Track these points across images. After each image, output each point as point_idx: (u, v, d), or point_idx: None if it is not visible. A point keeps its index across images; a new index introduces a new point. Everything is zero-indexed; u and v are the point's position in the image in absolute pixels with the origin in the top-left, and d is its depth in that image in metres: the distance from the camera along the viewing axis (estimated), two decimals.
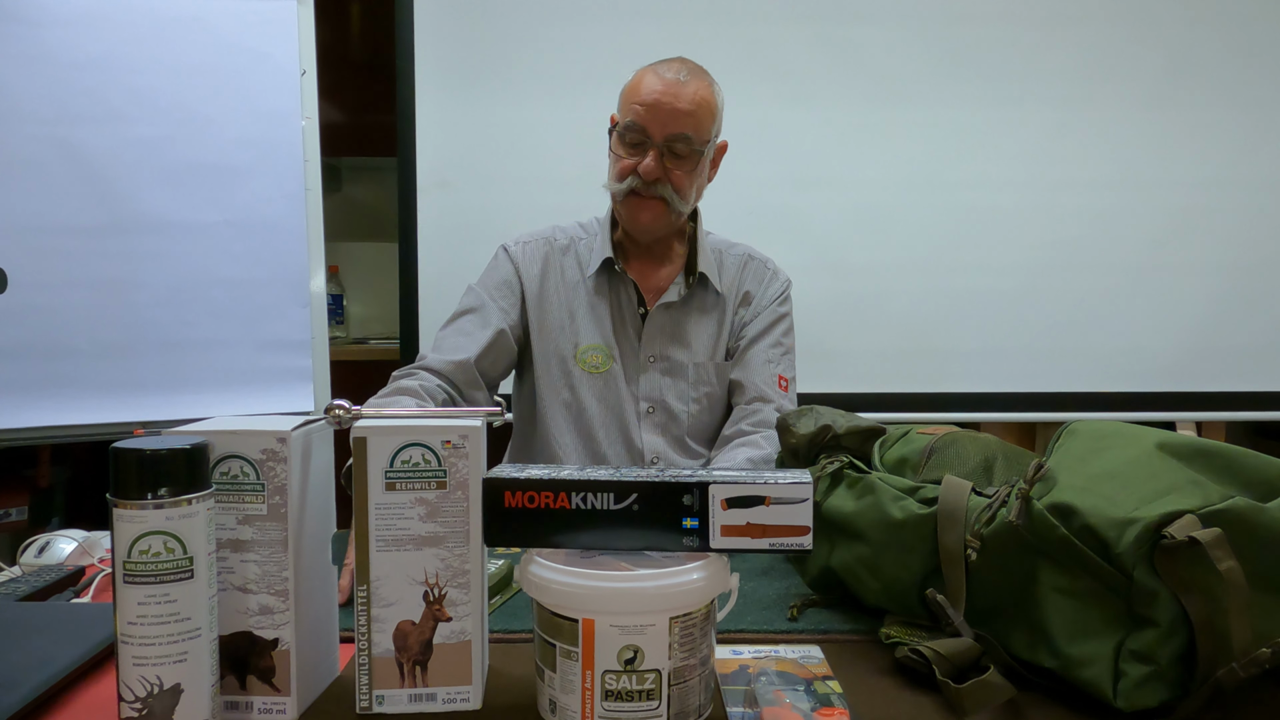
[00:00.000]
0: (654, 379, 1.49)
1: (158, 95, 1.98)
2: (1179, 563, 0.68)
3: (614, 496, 0.72)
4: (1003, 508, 0.78)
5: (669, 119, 1.38)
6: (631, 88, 1.42)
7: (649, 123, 1.39)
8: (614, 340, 1.49)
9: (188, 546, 0.63)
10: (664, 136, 1.39)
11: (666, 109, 1.38)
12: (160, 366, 1.99)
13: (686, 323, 1.51)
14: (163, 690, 0.63)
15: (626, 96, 1.43)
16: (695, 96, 1.39)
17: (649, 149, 1.40)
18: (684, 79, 1.39)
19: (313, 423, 0.75)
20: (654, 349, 1.50)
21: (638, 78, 1.43)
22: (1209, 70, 2.34)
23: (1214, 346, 2.39)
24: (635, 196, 1.43)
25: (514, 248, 1.56)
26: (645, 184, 1.40)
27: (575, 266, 1.54)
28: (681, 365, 1.50)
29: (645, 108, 1.39)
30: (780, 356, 1.54)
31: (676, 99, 1.38)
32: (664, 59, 1.44)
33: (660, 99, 1.38)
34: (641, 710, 0.68)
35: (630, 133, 1.40)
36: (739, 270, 1.57)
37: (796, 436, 1.04)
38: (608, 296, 1.51)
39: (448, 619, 0.72)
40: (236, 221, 2.03)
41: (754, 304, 1.55)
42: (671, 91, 1.38)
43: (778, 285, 1.58)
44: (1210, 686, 0.67)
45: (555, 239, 1.56)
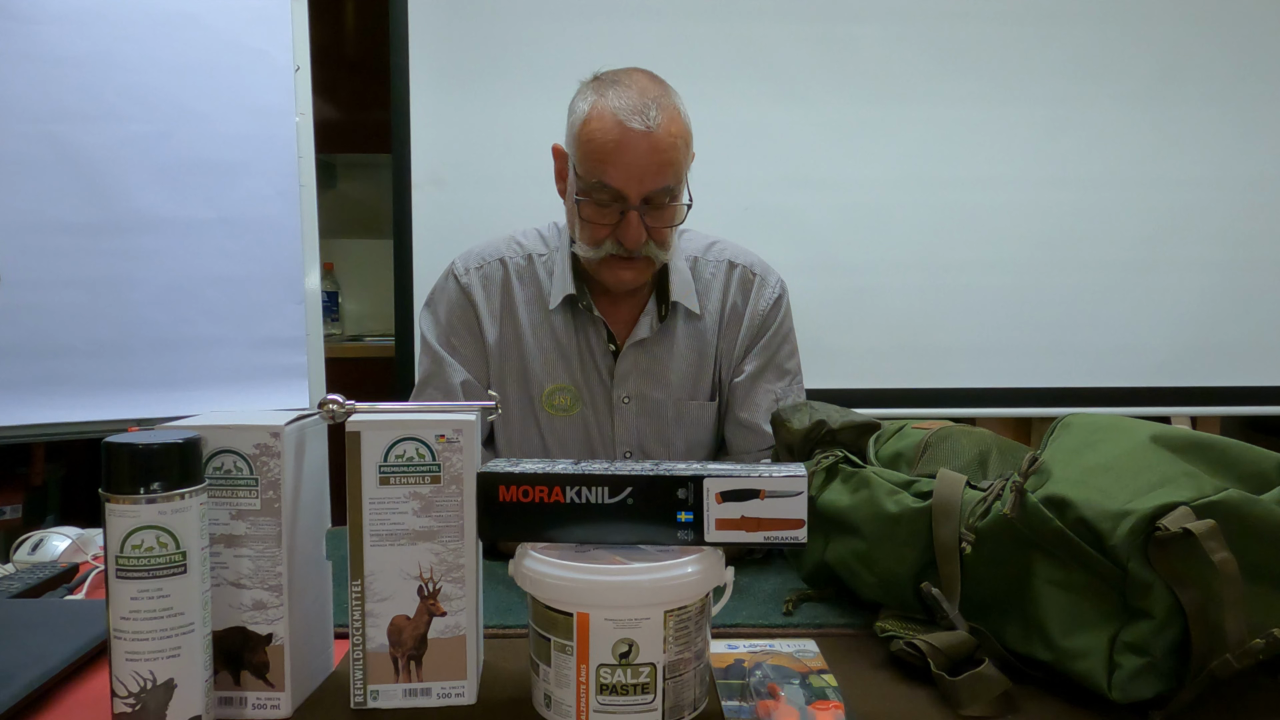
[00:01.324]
0: (628, 421, 1.31)
1: (151, 92, 1.97)
2: (1173, 555, 0.68)
3: (608, 490, 0.72)
4: (997, 501, 0.78)
5: (645, 176, 1.17)
6: (588, 135, 1.18)
7: (624, 184, 1.17)
8: (582, 380, 1.30)
9: (180, 541, 0.63)
10: (642, 196, 1.18)
11: (641, 165, 1.16)
12: (155, 364, 1.99)
13: (663, 357, 1.31)
14: (156, 685, 0.63)
15: (583, 143, 1.19)
16: (668, 138, 1.17)
17: (625, 210, 1.18)
18: (654, 123, 1.15)
19: (306, 417, 0.74)
20: (628, 388, 1.30)
21: (595, 117, 1.18)
22: (1202, 69, 2.34)
23: (1208, 342, 2.39)
24: (615, 259, 1.22)
25: (465, 277, 1.32)
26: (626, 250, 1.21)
27: (535, 292, 1.32)
28: (660, 404, 1.31)
29: (615, 169, 1.16)
30: (787, 388, 1.34)
31: (652, 151, 1.16)
32: (615, 84, 1.21)
33: (633, 158, 1.15)
34: (637, 704, 0.68)
35: (599, 193, 1.19)
36: (721, 283, 1.35)
37: (791, 432, 1.04)
38: (574, 331, 1.30)
39: (442, 613, 0.72)
40: (231, 219, 2.02)
41: (744, 324, 1.33)
42: (644, 144, 1.15)
43: (768, 293, 1.35)
44: (1204, 678, 0.67)
45: (511, 258, 1.34)
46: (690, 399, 1.33)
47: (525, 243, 1.37)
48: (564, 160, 1.27)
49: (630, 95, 1.18)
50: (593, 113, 1.19)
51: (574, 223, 1.25)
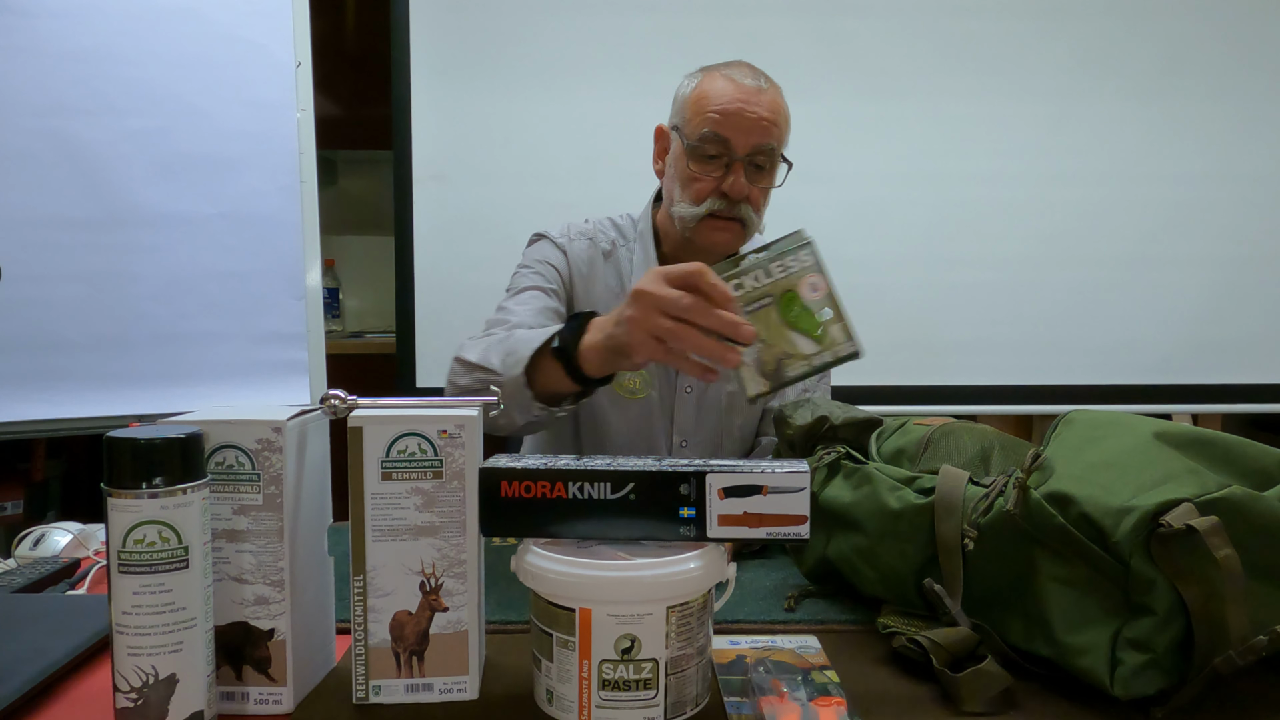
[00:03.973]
0: (688, 410, 1.37)
1: (151, 87, 1.96)
2: (1176, 551, 0.68)
3: (611, 486, 0.72)
4: (1000, 497, 0.78)
5: (753, 129, 1.24)
6: (700, 95, 1.27)
7: (733, 134, 1.24)
8: (654, 366, 1.34)
9: (183, 536, 0.63)
10: (748, 149, 1.25)
11: (750, 118, 1.24)
12: (155, 359, 1.98)
13: None
14: (158, 680, 0.63)
15: (694, 104, 1.27)
16: (774, 104, 1.26)
17: (730, 164, 1.25)
18: (764, 85, 1.26)
19: (308, 412, 0.74)
20: (691, 379, 1.36)
21: (706, 83, 1.28)
22: (1204, 64, 2.34)
23: (1210, 339, 2.39)
24: (712, 219, 1.28)
25: (562, 239, 1.39)
26: (729, 205, 1.26)
27: (615, 277, 1.38)
28: (717, 397, 1.38)
29: (724, 116, 1.24)
30: (816, 383, 1.43)
31: (760, 106, 1.24)
32: (722, 62, 1.31)
33: (743, 107, 1.24)
34: (638, 700, 0.68)
35: (709, 145, 1.25)
36: None
37: (793, 428, 1.03)
38: None
39: (444, 609, 0.72)
40: (231, 214, 2.02)
41: None
42: (753, 99, 1.24)
43: None
44: (1207, 674, 0.67)
45: (598, 241, 1.40)
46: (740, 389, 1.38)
47: (605, 230, 1.43)
48: (665, 139, 1.37)
49: (742, 68, 1.29)
50: (705, 80, 1.29)
51: (676, 186, 1.31)
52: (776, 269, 0.77)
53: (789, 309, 0.76)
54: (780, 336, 0.77)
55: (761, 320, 0.77)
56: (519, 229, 2.29)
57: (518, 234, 2.28)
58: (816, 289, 0.76)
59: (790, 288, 0.77)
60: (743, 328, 0.76)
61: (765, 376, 0.77)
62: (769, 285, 0.77)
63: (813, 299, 0.76)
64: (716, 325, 0.77)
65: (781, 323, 0.77)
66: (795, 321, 0.76)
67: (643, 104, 2.26)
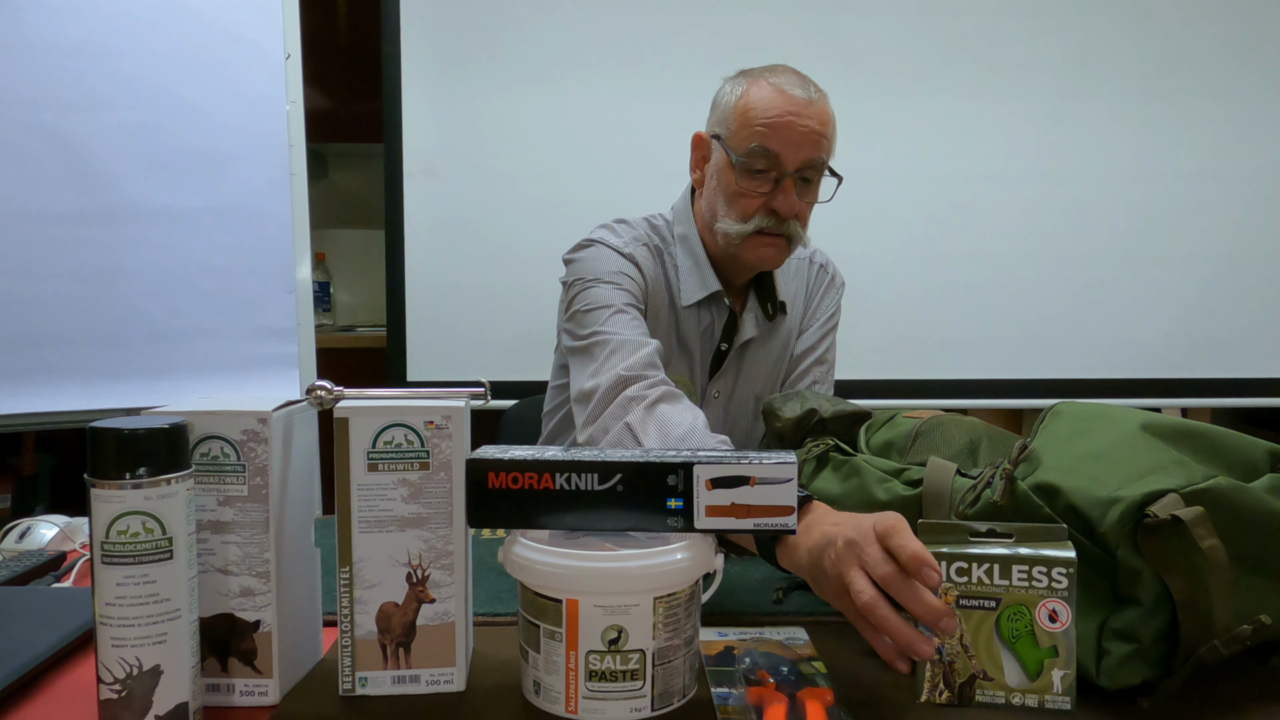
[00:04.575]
0: (716, 414, 1.36)
1: (142, 81, 1.95)
2: (1162, 541, 0.68)
3: (598, 477, 0.71)
4: (987, 489, 0.78)
5: (803, 143, 1.20)
6: (745, 105, 1.22)
7: (782, 148, 1.19)
8: (694, 374, 1.35)
9: (167, 527, 0.63)
10: (799, 164, 1.21)
11: (801, 132, 1.19)
12: (146, 354, 1.98)
13: (761, 355, 1.37)
14: (142, 672, 0.62)
15: (740, 115, 1.22)
16: (823, 114, 1.22)
17: (779, 179, 1.21)
18: (813, 96, 1.21)
19: (295, 404, 0.74)
20: (722, 384, 1.36)
21: (753, 92, 1.22)
22: (1197, 64, 2.35)
23: (1202, 335, 2.40)
24: (759, 235, 1.24)
25: (628, 249, 1.28)
26: (777, 221, 1.23)
27: (664, 284, 1.32)
28: (745, 401, 1.38)
29: (773, 130, 1.19)
30: (824, 374, 1.42)
31: (811, 118, 1.20)
32: (769, 70, 1.25)
33: (794, 120, 1.19)
34: (625, 690, 0.68)
35: (757, 159, 1.20)
36: (803, 278, 1.43)
37: (782, 420, 1.03)
38: (697, 325, 1.33)
39: (431, 600, 0.72)
40: (222, 208, 2.01)
41: (809, 315, 1.43)
42: (803, 111, 1.20)
43: (834, 294, 1.45)
44: (1192, 664, 0.68)
45: (651, 244, 1.33)
46: (769, 390, 1.38)
47: (654, 236, 1.34)
48: (705, 147, 1.31)
49: (788, 75, 1.24)
50: (752, 88, 1.23)
51: (720, 200, 1.26)
52: (1019, 574, 0.64)
53: (1011, 624, 0.64)
54: (988, 651, 0.64)
55: (975, 623, 0.65)
56: (510, 224, 2.31)
57: (509, 229, 2.30)
58: (1057, 620, 0.64)
59: (1026, 603, 0.64)
60: (944, 620, 0.63)
61: (948, 687, 0.65)
62: (1003, 590, 0.64)
63: (1048, 629, 0.63)
64: (916, 610, 0.64)
65: (995, 636, 0.64)
66: (1013, 642, 0.64)
67: (637, 100, 2.27)
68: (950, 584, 0.63)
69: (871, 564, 0.66)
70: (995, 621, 0.63)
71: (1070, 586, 0.61)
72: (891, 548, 0.65)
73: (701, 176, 1.32)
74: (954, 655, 0.63)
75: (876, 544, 0.67)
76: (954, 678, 0.64)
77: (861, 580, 0.66)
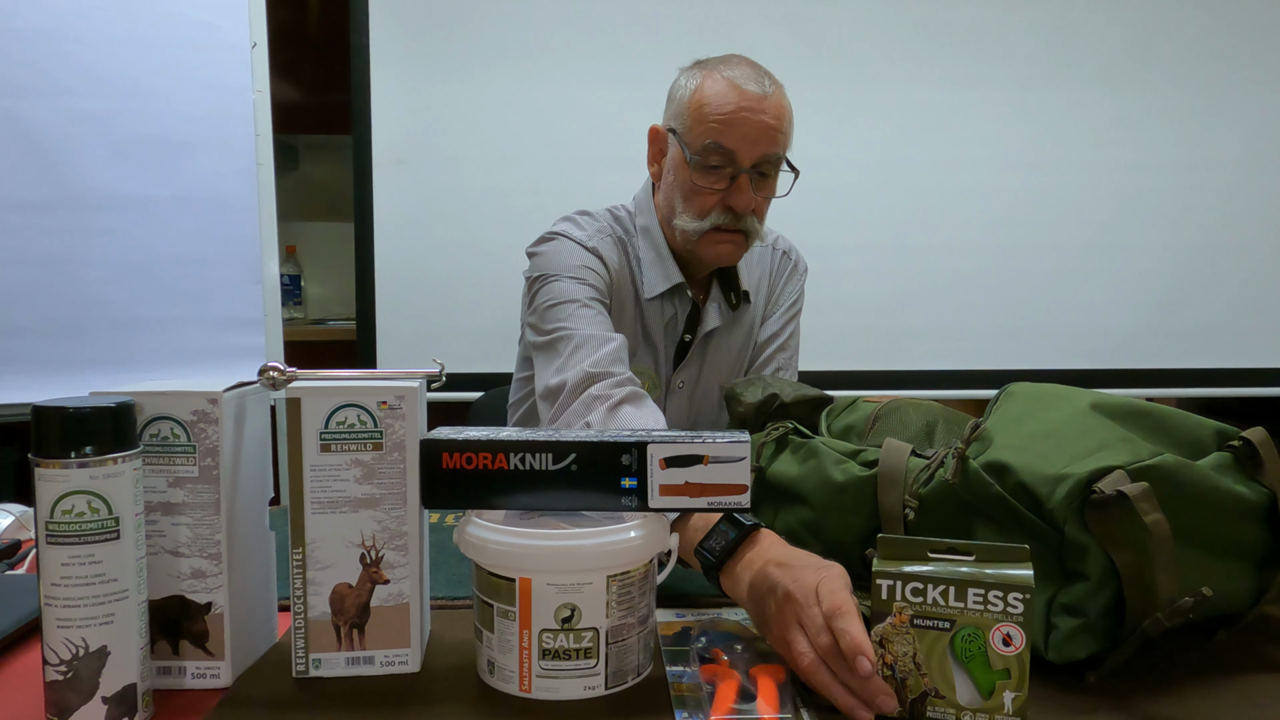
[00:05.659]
0: (681, 404, 1.37)
1: (103, 68, 1.93)
2: (1108, 517, 0.69)
3: (552, 457, 0.71)
4: (940, 468, 0.79)
5: (759, 139, 1.19)
6: (700, 100, 1.20)
7: (737, 144, 1.18)
8: (657, 365, 1.34)
9: (113, 507, 0.62)
10: (753, 159, 1.20)
11: (755, 127, 1.18)
12: (110, 344, 1.96)
13: (724, 345, 1.38)
14: (88, 653, 0.62)
15: (694, 111, 1.21)
16: (779, 108, 1.21)
17: (734, 175, 1.21)
18: (769, 89, 1.20)
19: (247, 385, 0.74)
20: (686, 375, 1.36)
21: (707, 86, 1.20)
22: (1168, 54, 2.37)
23: (1169, 325, 2.43)
24: (715, 232, 1.24)
25: (591, 242, 1.28)
26: (734, 218, 1.23)
27: (628, 275, 1.32)
28: (708, 390, 1.38)
29: (727, 126, 1.18)
30: (788, 360, 1.43)
31: (766, 114, 1.19)
32: (724, 62, 1.23)
33: (749, 116, 1.18)
34: (579, 669, 0.68)
35: (712, 155, 1.20)
36: (766, 266, 1.43)
37: (744, 405, 1.04)
38: (660, 317, 1.33)
39: (385, 581, 0.72)
40: (186, 197, 1.99)
41: (772, 301, 1.43)
42: (757, 106, 1.18)
43: (797, 280, 1.45)
44: (1137, 637, 0.69)
45: (615, 236, 1.32)
46: (733, 379, 1.39)
47: (616, 228, 1.34)
48: (661, 140, 1.29)
49: (743, 67, 1.22)
50: (706, 82, 1.21)
51: (677, 196, 1.26)
52: (975, 597, 0.63)
53: (966, 645, 0.63)
54: (941, 670, 0.64)
55: (929, 642, 0.64)
56: (481, 215, 2.30)
57: (480, 220, 2.29)
58: (1011, 644, 0.62)
59: (980, 626, 0.63)
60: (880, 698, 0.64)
61: (900, 703, 0.64)
62: (957, 612, 0.63)
63: (1002, 653, 0.62)
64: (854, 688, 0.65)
65: (949, 655, 0.63)
66: (966, 661, 0.63)
67: (608, 89, 2.27)
68: (905, 603, 0.64)
69: (811, 631, 0.66)
70: (950, 641, 0.63)
71: (1026, 611, 0.62)
72: (834, 629, 0.65)
73: (659, 170, 1.31)
74: (907, 673, 0.64)
75: (817, 607, 0.67)
76: (906, 694, 0.64)
77: (803, 643, 0.67)
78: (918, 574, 0.64)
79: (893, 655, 0.64)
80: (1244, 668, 0.74)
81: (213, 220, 2.01)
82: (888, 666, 0.65)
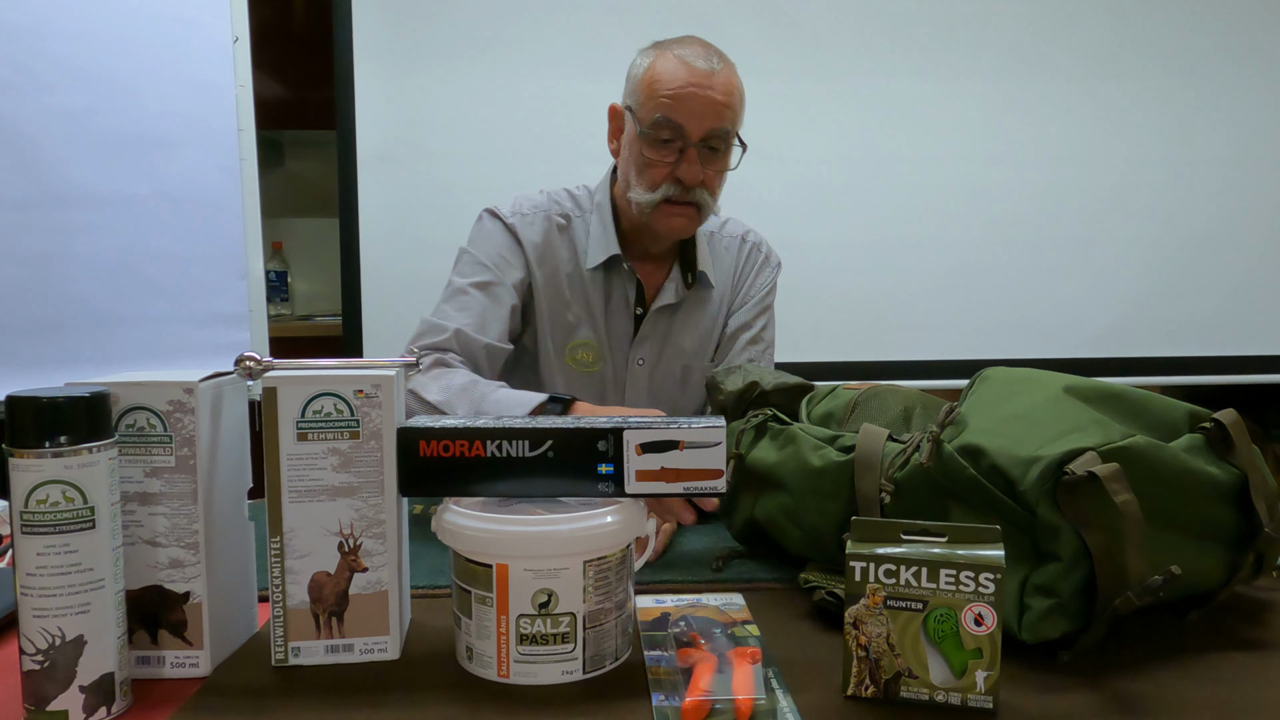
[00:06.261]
0: (640, 382, 1.39)
1: (84, 64, 1.92)
2: (1080, 498, 0.69)
3: (529, 444, 0.72)
4: (916, 452, 0.80)
5: (706, 113, 1.23)
6: (652, 77, 1.25)
7: (686, 119, 1.23)
8: (606, 339, 1.37)
9: (88, 496, 0.62)
10: (702, 134, 1.24)
11: (703, 102, 1.22)
12: (93, 341, 1.95)
13: (680, 324, 1.40)
14: (65, 642, 0.62)
15: (647, 87, 1.25)
16: (728, 85, 1.25)
17: (683, 149, 1.24)
18: (717, 67, 1.24)
19: (224, 375, 0.74)
20: (644, 351, 1.39)
21: (659, 64, 1.25)
22: (1148, 47, 2.39)
23: (1149, 317, 2.45)
24: (668, 204, 1.27)
25: (513, 218, 1.36)
26: (683, 190, 1.26)
27: (571, 250, 1.37)
28: (671, 369, 1.40)
29: (676, 101, 1.22)
30: (761, 353, 1.45)
31: (714, 89, 1.23)
32: (677, 42, 1.28)
33: (695, 91, 1.22)
34: (557, 654, 0.69)
35: (662, 130, 1.24)
36: (733, 256, 1.45)
37: (725, 393, 1.04)
38: (604, 290, 1.37)
39: (363, 569, 0.72)
40: (170, 194, 1.99)
41: (742, 294, 1.45)
42: (705, 82, 1.22)
43: (769, 273, 1.48)
44: (1108, 616, 0.69)
45: (552, 214, 1.38)
46: (698, 361, 1.41)
47: (561, 202, 1.40)
48: (619, 118, 1.34)
49: (694, 46, 1.27)
50: (658, 60, 1.27)
51: (631, 170, 1.31)
52: (947, 578, 0.63)
53: (939, 625, 0.64)
54: (914, 650, 0.64)
55: (902, 623, 0.64)
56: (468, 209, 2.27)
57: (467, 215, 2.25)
58: (983, 624, 0.63)
59: (952, 606, 0.63)
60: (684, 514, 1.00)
61: (874, 682, 0.65)
62: (930, 593, 0.64)
63: (974, 632, 0.63)
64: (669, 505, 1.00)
65: (922, 635, 0.64)
66: (939, 642, 0.64)
67: (591, 82, 2.27)
68: (879, 585, 0.65)
69: None
70: (922, 621, 0.64)
71: (997, 591, 0.62)
72: None
73: (618, 146, 1.36)
74: (880, 653, 0.65)
75: None
76: (880, 674, 0.65)
77: None
78: (890, 556, 0.65)
79: (866, 636, 0.65)
80: (1215, 646, 0.75)
81: (196, 216, 2.01)
82: (861, 648, 0.65)
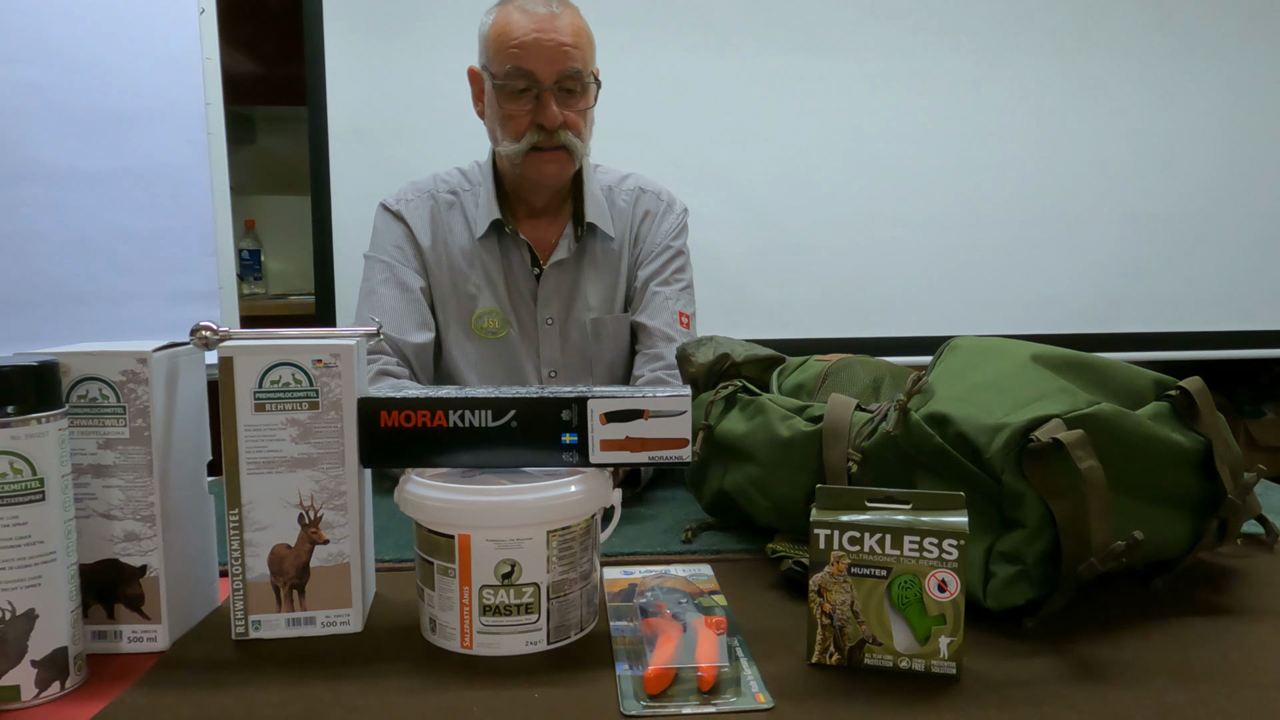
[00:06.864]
0: (553, 341, 1.40)
1: (44, 35, 1.88)
2: (1045, 465, 0.69)
3: (492, 414, 0.71)
4: (883, 421, 0.79)
5: (555, 56, 1.25)
6: (498, 31, 1.28)
7: (535, 64, 1.25)
8: (509, 304, 1.39)
9: (37, 468, 0.61)
10: (554, 77, 1.26)
11: (549, 46, 1.25)
12: (61, 320, 1.92)
13: (582, 279, 1.41)
14: (15, 616, 0.61)
15: (495, 42, 1.28)
16: (573, 26, 1.28)
17: (539, 95, 1.27)
18: (558, 10, 1.27)
19: (179, 345, 0.72)
20: (550, 310, 1.39)
21: (502, 20, 1.28)
22: (1120, 24, 2.38)
23: (1123, 292, 2.46)
24: (536, 152, 1.29)
25: (397, 205, 1.40)
26: (547, 135, 1.28)
27: (463, 224, 1.39)
28: (581, 324, 1.40)
29: (524, 49, 1.25)
30: (679, 293, 1.44)
31: (558, 32, 1.26)
32: None
33: (540, 37, 1.25)
34: (520, 624, 0.68)
35: (515, 80, 1.26)
36: (631, 208, 1.45)
37: (696, 365, 1.04)
38: (499, 257, 1.39)
39: (324, 541, 0.71)
40: (136, 169, 1.95)
41: (647, 241, 1.45)
42: (549, 26, 1.25)
43: (673, 219, 1.47)
44: (1072, 582, 0.69)
45: (438, 193, 1.41)
46: (608, 313, 1.42)
47: (450, 179, 1.43)
48: (478, 81, 1.35)
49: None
50: (500, 15, 1.29)
51: (496, 125, 1.32)
52: (910, 545, 0.63)
53: (903, 592, 0.64)
54: (878, 617, 0.64)
55: (866, 590, 0.64)
56: None
57: None
58: (946, 590, 0.63)
59: (916, 573, 0.63)
60: None
61: (838, 649, 0.65)
62: (894, 560, 0.64)
63: (937, 598, 0.63)
64: None
65: (885, 602, 0.64)
66: (903, 608, 0.64)
67: None
68: (843, 552, 0.64)
69: None
70: (886, 589, 0.64)
71: (960, 558, 0.62)
72: None
73: (482, 108, 1.37)
74: (845, 620, 0.65)
75: None
76: (844, 641, 0.65)
77: None
78: (854, 523, 0.64)
79: (831, 604, 0.65)
80: (1178, 612, 0.75)
81: (165, 192, 1.97)
82: (826, 615, 0.65)
